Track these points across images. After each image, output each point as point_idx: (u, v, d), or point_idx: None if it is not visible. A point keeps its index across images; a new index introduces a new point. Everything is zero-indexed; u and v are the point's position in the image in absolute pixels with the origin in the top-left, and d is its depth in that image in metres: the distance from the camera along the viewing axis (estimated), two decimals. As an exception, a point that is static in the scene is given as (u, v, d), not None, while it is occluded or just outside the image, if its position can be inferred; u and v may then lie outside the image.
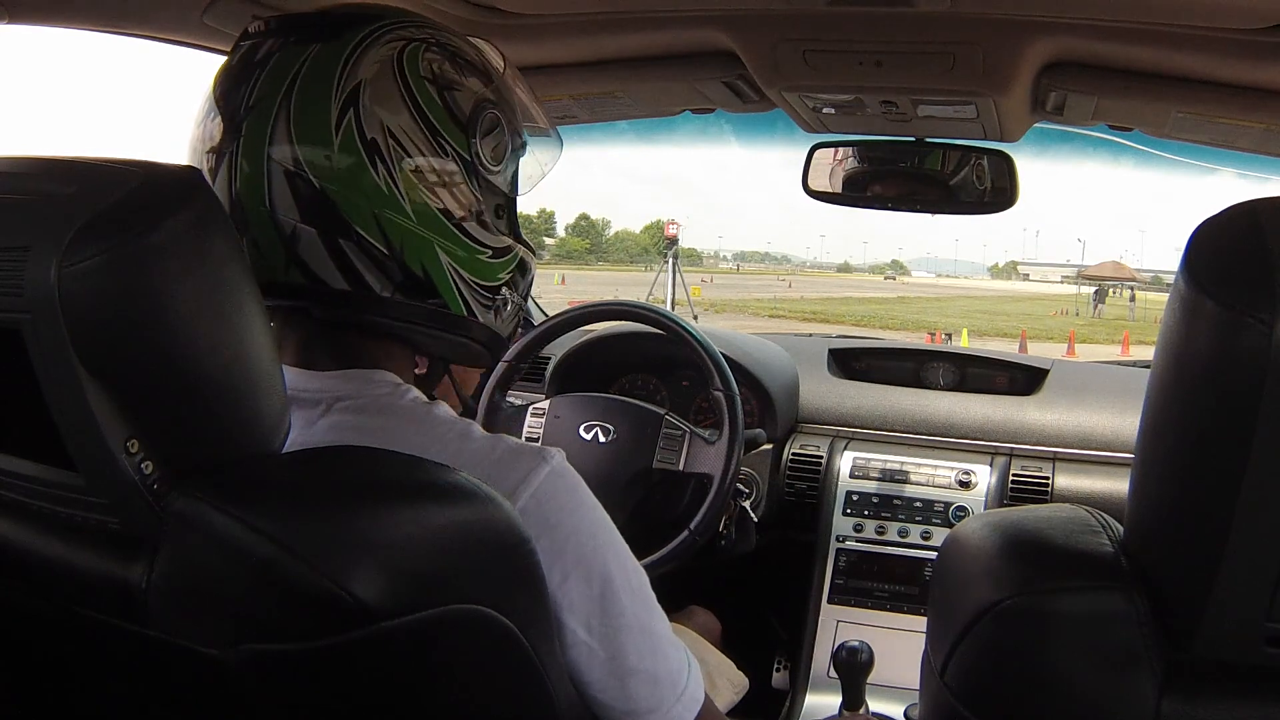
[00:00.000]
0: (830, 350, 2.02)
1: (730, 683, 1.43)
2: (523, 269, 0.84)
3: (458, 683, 0.63)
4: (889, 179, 1.61)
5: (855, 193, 1.62)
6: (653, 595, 0.77)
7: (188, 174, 0.60)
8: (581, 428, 1.56)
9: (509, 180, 0.82)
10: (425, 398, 0.78)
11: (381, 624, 0.56)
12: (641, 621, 0.74)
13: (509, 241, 0.82)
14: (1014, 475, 1.72)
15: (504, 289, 0.82)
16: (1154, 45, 1.16)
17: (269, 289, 0.72)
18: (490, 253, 0.80)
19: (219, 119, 0.74)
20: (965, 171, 1.56)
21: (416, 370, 0.84)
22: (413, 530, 0.59)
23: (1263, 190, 0.62)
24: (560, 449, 0.75)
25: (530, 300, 2.25)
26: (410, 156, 0.74)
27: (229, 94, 0.74)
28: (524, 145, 0.84)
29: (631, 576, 0.75)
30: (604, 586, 0.72)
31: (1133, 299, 33.20)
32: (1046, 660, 0.58)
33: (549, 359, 1.87)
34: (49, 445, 0.57)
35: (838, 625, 1.69)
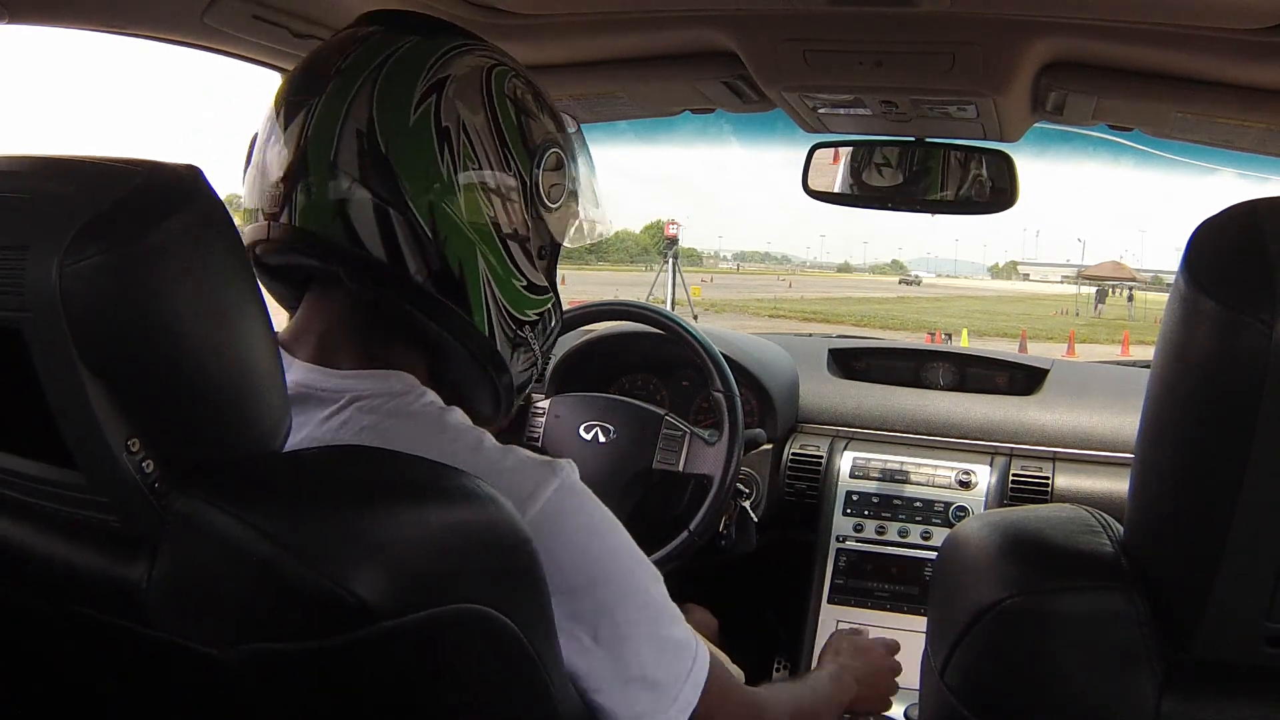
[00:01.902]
0: (830, 350, 2.02)
1: (728, 680, 1.43)
2: (549, 318, 0.85)
3: (459, 683, 0.63)
4: (889, 179, 1.61)
5: (855, 193, 1.62)
6: (666, 598, 0.76)
7: (188, 174, 0.60)
8: (581, 428, 1.56)
9: (560, 227, 0.83)
10: (441, 402, 0.77)
11: (382, 624, 0.56)
12: (651, 629, 0.74)
13: (545, 283, 0.83)
14: (1014, 475, 1.72)
15: (528, 328, 0.82)
16: (1154, 45, 1.16)
17: (307, 241, 0.74)
18: (526, 283, 0.80)
19: (283, 147, 0.75)
20: (965, 171, 1.56)
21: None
22: (414, 530, 0.59)
23: (1263, 190, 0.63)
24: (571, 461, 0.75)
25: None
26: (476, 156, 0.76)
27: (319, 63, 0.76)
28: (578, 201, 0.85)
29: (643, 583, 0.75)
30: (613, 598, 0.72)
31: (1130, 299, 33.26)
32: (1047, 660, 0.58)
33: (549, 359, 1.87)
34: (50, 444, 0.57)
35: (838, 625, 1.69)
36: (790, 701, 0.95)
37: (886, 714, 1.46)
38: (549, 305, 0.84)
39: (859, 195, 1.62)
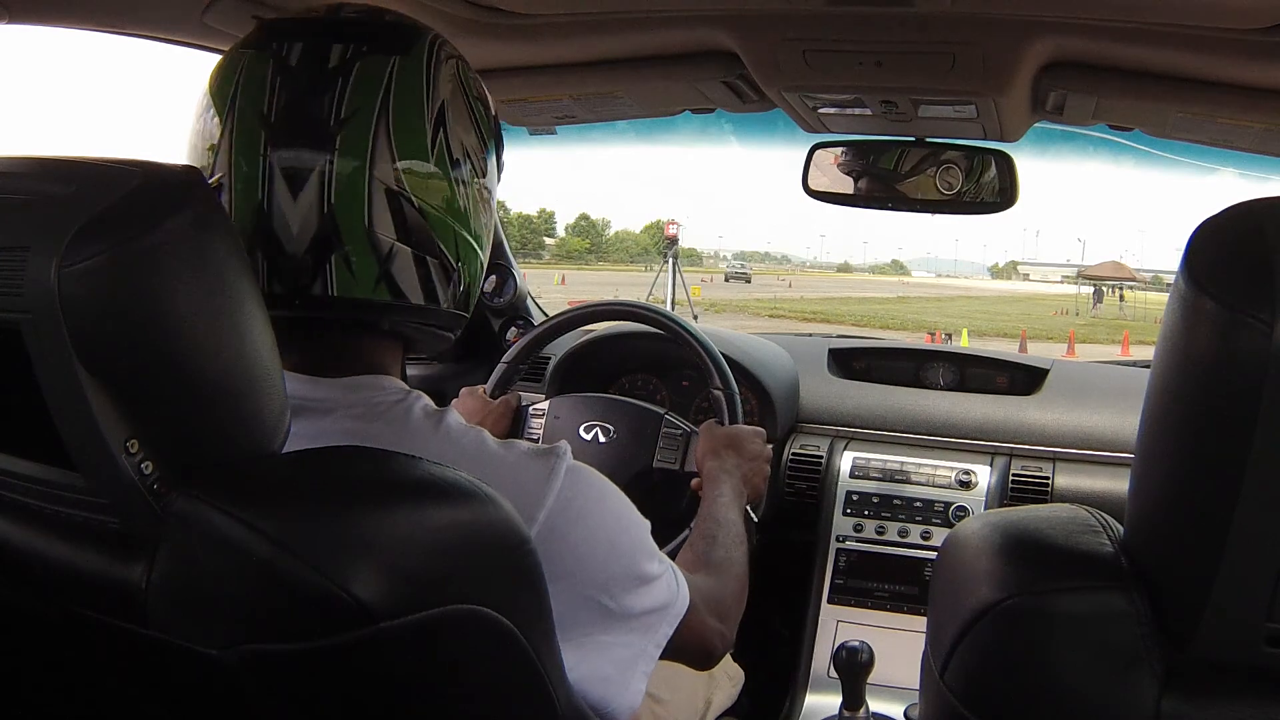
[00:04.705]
0: (830, 350, 2.02)
1: (728, 676, 1.43)
2: None
3: (458, 683, 0.63)
4: (889, 179, 1.61)
5: (855, 193, 1.62)
6: (653, 544, 0.84)
7: (187, 174, 0.60)
8: (581, 428, 1.56)
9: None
10: (433, 405, 0.78)
11: (381, 624, 0.56)
12: (650, 571, 0.81)
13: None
14: (1014, 475, 1.72)
15: None
16: (1154, 45, 1.16)
17: (355, 306, 0.73)
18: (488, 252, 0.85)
19: (229, 119, 0.72)
20: (965, 171, 1.56)
21: None
22: (413, 530, 0.59)
23: (1263, 190, 0.62)
24: (564, 440, 0.80)
25: (530, 300, 2.25)
26: (480, 176, 0.78)
27: (300, 99, 0.71)
28: None
29: (642, 535, 0.82)
30: (629, 556, 0.79)
31: (1121, 299, 33.30)
32: (1047, 660, 0.58)
33: (549, 359, 1.87)
34: (49, 445, 0.57)
35: (838, 625, 1.69)
36: (704, 580, 1.01)
37: (886, 714, 1.46)
38: None
39: (859, 195, 1.62)
